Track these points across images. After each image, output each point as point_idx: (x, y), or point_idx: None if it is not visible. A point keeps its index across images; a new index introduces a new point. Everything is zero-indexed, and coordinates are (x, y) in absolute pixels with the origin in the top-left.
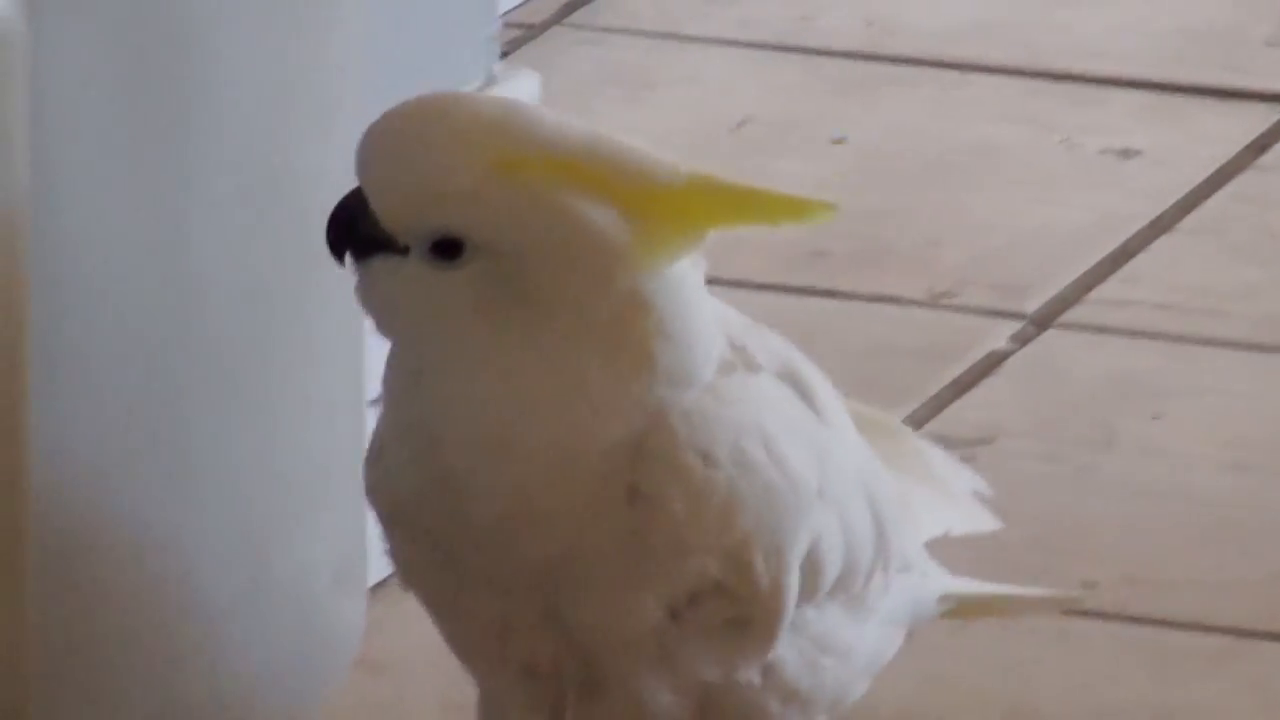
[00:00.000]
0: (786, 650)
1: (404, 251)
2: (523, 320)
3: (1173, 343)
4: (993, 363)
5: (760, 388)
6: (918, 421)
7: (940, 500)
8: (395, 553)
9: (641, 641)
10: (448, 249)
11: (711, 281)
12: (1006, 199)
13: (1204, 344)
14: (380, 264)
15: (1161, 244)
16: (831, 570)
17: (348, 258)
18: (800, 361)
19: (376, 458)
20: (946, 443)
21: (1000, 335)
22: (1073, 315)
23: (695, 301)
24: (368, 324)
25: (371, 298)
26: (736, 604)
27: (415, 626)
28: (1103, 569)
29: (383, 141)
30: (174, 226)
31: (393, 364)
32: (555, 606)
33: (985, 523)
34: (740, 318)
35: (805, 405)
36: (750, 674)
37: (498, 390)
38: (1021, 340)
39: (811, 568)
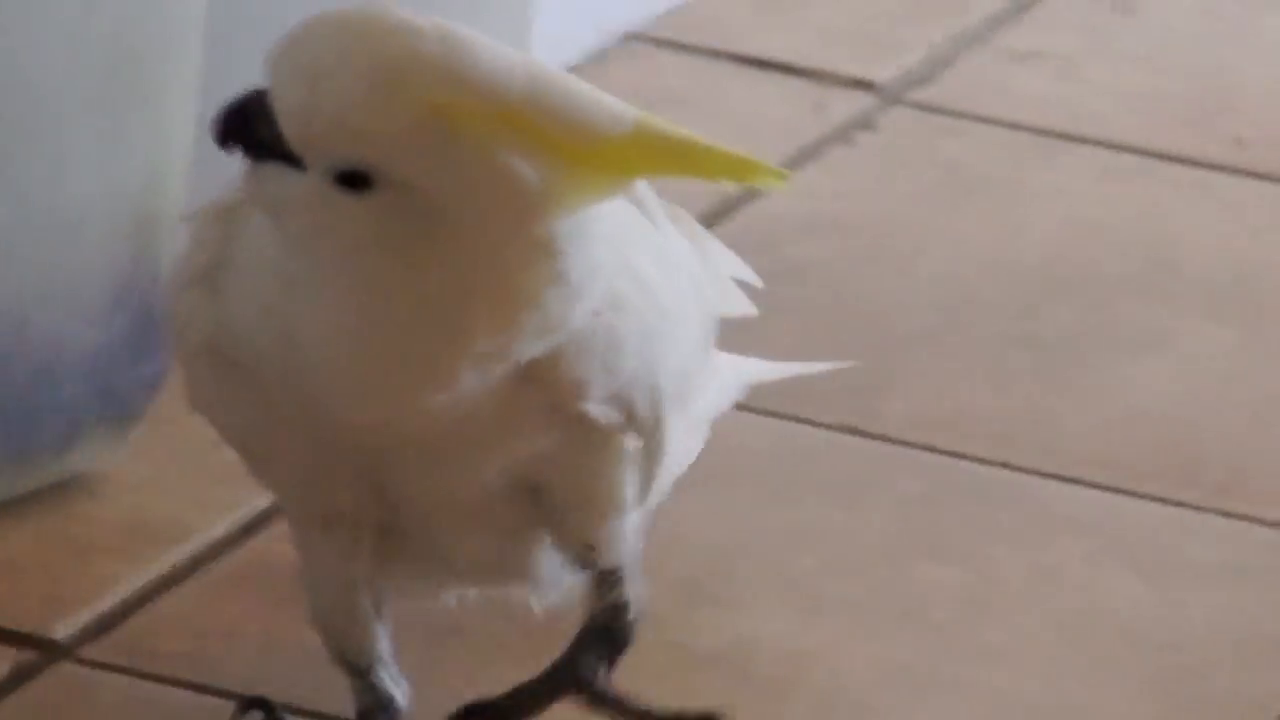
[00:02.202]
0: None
1: (301, 164)
2: (419, 256)
3: None
4: None
5: (617, 213)
6: None
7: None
8: (196, 379)
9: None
10: (354, 179)
11: None
12: None
13: None
14: (274, 172)
15: None
16: (689, 388)
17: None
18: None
19: (203, 286)
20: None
21: None
22: None
23: (599, 230)
24: None
25: (260, 198)
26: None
27: None
28: (1253, 128)
29: (303, 57)
30: None
31: (263, 239)
32: (380, 479)
33: (743, 306)
34: None
35: (646, 221)
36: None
37: (374, 327)
38: None
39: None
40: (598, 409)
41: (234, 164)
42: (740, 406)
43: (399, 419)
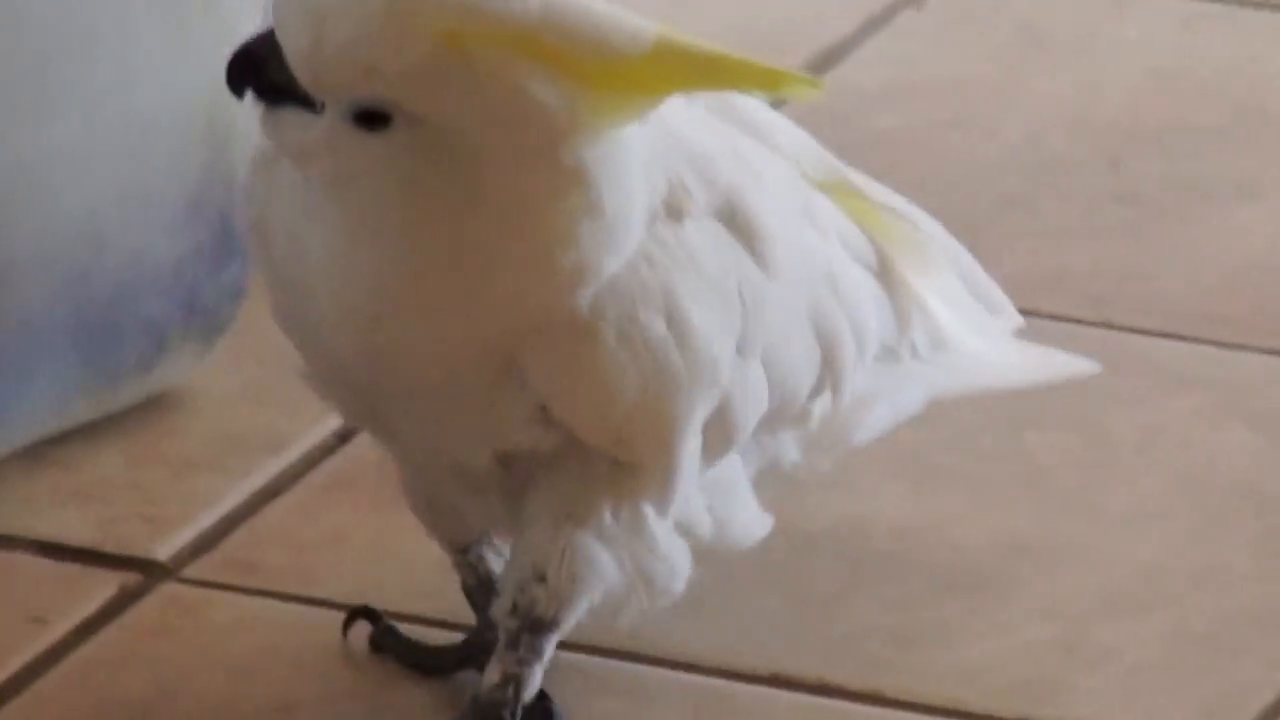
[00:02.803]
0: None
1: (317, 107)
2: (446, 194)
3: None
4: None
5: (684, 238)
6: None
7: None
8: (253, 254)
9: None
10: (372, 118)
11: None
12: None
13: None
14: (290, 116)
15: None
16: (746, 424)
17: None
18: (750, 190)
19: (266, 166)
20: None
21: None
22: None
23: (632, 162)
24: None
25: (279, 143)
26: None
27: None
28: None
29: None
30: None
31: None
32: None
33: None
34: (696, 140)
35: (741, 247)
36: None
37: (399, 270)
38: None
39: (720, 428)
40: (585, 432)
41: None
42: None
43: (393, 369)
